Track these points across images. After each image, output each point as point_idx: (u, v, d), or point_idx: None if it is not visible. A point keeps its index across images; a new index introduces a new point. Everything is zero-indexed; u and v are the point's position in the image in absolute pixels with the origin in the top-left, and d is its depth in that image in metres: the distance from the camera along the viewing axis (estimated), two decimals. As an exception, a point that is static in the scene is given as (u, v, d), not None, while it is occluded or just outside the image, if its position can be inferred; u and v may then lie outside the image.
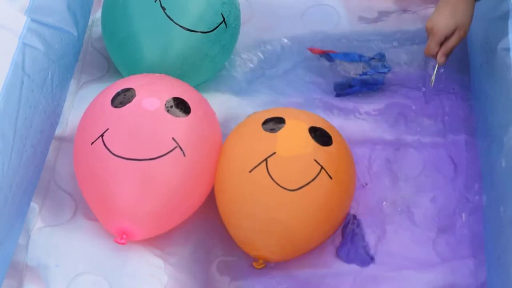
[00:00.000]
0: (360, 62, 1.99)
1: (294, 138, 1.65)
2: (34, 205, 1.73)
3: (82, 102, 1.85)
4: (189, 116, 1.66)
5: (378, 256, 1.69)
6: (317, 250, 1.68)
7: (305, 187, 1.59)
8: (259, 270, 1.64)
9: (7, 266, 1.63)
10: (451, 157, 1.84)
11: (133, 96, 1.66)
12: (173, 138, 1.62)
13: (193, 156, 1.63)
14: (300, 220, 1.60)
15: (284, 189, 1.58)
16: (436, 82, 1.90)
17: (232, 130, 1.74)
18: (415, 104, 1.94)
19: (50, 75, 1.78)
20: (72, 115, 1.87)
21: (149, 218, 1.62)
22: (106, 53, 1.98)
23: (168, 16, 1.84)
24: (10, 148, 1.59)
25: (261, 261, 1.63)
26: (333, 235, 1.70)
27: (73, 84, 1.95)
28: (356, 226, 1.71)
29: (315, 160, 1.61)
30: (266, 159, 1.60)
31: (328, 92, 1.97)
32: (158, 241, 1.68)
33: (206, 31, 1.87)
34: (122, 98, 1.66)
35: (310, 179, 1.60)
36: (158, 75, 1.77)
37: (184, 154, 1.62)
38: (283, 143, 1.63)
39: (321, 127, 1.67)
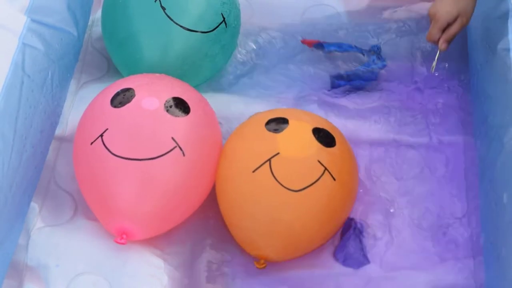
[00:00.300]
0: (355, 52, 2.00)
1: (298, 139, 1.65)
2: (34, 205, 1.73)
3: (82, 102, 1.85)
4: (189, 116, 1.66)
5: (378, 256, 1.69)
6: (317, 251, 1.68)
7: (309, 188, 1.59)
8: (259, 270, 1.64)
9: (7, 266, 1.63)
10: (450, 158, 1.84)
11: (133, 96, 1.66)
12: (173, 138, 1.62)
13: (193, 156, 1.63)
14: (303, 221, 1.60)
15: (288, 190, 1.58)
16: (437, 69, 1.92)
17: (235, 130, 1.74)
18: (415, 104, 1.94)
19: (50, 75, 1.78)
20: (72, 115, 1.87)
21: (149, 218, 1.62)
22: (106, 53, 1.98)
23: (168, 16, 1.84)
24: (10, 148, 1.59)
25: (263, 261, 1.63)
26: (334, 236, 1.70)
27: (73, 84, 1.95)
28: (354, 229, 1.70)
29: (319, 161, 1.61)
30: (270, 159, 1.60)
31: (324, 88, 1.97)
32: (158, 241, 1.68)
33: (206, 31, 1.87)
34: (122, 98, 1.66)
35: (314, 180, 1.60)
36: (158, 75, 1.77)
37: (184, 154, 1.62)
38: (287, 144, 1.63)
39: (325, 128, 1.68)
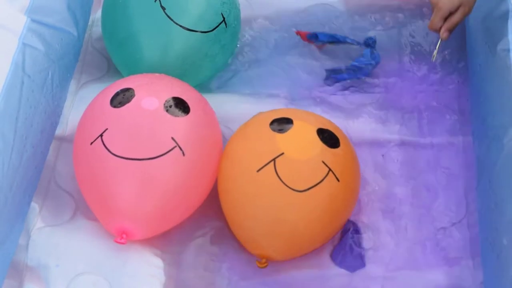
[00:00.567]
0: (350, 44, 2.00)
1: (303, 139, 1.65)
2: (34, 205, 1.73)
3: (82, 102, 1.85)
4: (189, 116, 1.66)
5: (378, 257, 1.69)
6: (318, 251, 1.68)
7: (313, 189, 1.59)
8: (259, 270, 1.64)
9: (8, 266, 1.63)
10: (450, 158, 1.84)
11: (132, 96, 1.66)
12: (173, 138, 1.62)
13: (193, 156, 1.63)
14: (307, 221, 1.60)
15: (292, 190, 1.58)
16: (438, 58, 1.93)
17: (237, 130, 1.74)
18: (413, 104, 1.94)
19: (50, 75, 1.78)
20: (72, 115, 1.87)
21: (149, 218, 1.62)
22: (106, 53, 1.98)
23: (168, 16, 1.84)
24: (10, 148, 1.59)
25: (264, 260, 1.62)
26: (334, 237, 1.70)
27: (73, 84, 1.95)
28: (352, 231, 1.70)
29: (323, 162, 1.61)
30: (274, 159, 1.60)
31: (324, 85, 1.98)
32: (158, 241, 1.68)
33: (206, 31, 1.87)
34: (121, 98, 1.66)
35: (318, 181, 1.60)
36: (158, 75, 1.77)
37: (184, 154, 1.62)
38: (292, 144, 1.62)
39: (329, 129, 1.67)
